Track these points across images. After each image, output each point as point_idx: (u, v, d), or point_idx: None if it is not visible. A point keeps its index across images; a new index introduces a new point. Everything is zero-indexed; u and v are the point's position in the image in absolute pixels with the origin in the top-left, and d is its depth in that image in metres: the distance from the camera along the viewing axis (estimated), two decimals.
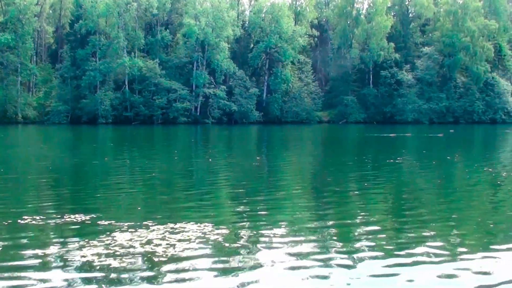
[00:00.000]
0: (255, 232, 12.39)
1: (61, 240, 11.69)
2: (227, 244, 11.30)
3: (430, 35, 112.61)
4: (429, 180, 24.29)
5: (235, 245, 11.30)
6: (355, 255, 10.64)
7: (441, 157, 35.12)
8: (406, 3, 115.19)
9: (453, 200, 18.38)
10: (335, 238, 12.19)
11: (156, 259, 10.23)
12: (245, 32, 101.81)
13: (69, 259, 10.22)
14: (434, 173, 26.58)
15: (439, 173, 26.65)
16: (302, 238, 11.99)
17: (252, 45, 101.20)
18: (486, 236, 12.63)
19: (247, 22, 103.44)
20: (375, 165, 30.14)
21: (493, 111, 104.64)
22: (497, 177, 24.51)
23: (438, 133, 64.01)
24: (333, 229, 13.06)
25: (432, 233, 12.57)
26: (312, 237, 12.15)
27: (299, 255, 10.65)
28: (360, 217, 14.67)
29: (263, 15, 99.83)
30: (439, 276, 9.42)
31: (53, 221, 13.52)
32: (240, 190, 19.87)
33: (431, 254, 10.72)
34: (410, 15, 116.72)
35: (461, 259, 10.45)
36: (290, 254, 10.69)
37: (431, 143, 50.28)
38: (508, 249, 11.31)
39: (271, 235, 12.15)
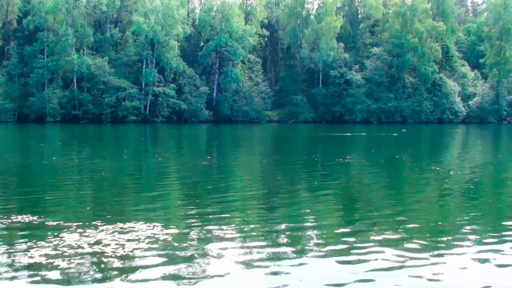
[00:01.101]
0: (205, 232, 12.37)
1: (8, 241, 11.57)
2: (176, 244, 11.27)
3: (379, 35, 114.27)
4: (378, 179, 24.58)
5: (185, 244, 11.27)
6: (305, 254, 10.75)
7: (389, 156, 35.60)
8: (356, 4, 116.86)
9: (401, 199, 18.61)
10: (285, 237, 12.22)
11: (105, 259, 10.21)
12: (195, 31, 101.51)
13: (16, 261, 10.13)
14: (383, 172, 26.90)
15: (387, 172, 26.95)
16: (252, 238, 12.04)
17: (202, 44, 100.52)
18: (434, 234, 12.81)
19: (197, 21, 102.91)
20: (325, 164, 30.29)
21: (441, 111, 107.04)
22: (444, 176, 24.92)
23: (392, 132, 65.37)
24: (283, 229, 13.05)
25: (380, 232, 12.72)
26: (262, 237, 12.19)
27: (250, 254, 10.72)
28: (309, 216, 14.79)
29: (214, 14, 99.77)
30: (387, 275, 9.57)
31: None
32: (190, 190, 19.82)
33: (380, 253, 10.86)
34: (360, 16, 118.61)
35: (410, 257, 10.62)
36: (240, 254, 10.76)
37: (380, 142, 51.10)
38: (455, 246, 11.56)
39: (221, 235, 12.17)
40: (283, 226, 13.32)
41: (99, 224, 12.83)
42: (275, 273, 9.56)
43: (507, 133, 77.21)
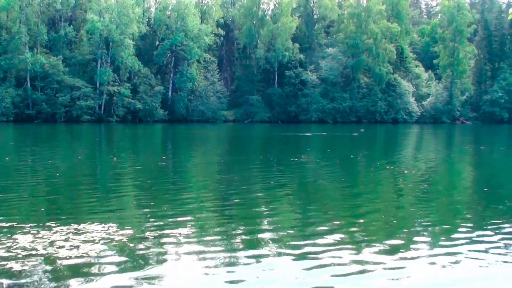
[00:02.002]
0: (161, 233, 12.32)
1: None
2: (131, 245, 11.22)
3: (334, 36, 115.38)
4: (333, 178, 24.69)
5: (140, 245, 11.22)
6: (262, 254, 10.78)
7: (345, 156, 35.83)
8: (311, 4, 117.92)
9: (356, 199, 18.72)
10: (241, 237, 12.23)
11: (59, 261, 10.08)
12: (150, 30, 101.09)
13: None
14: (338, 172, 27.08)
15: (343, 172, 27.17)
16: (208, 238, 12.03)
17: (157, 43, 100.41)
18: (390, 234, 12.89)
19: (152, 19, 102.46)
20: (280, 164, 30.33)
21: (395, 111, 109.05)
22: (399, 176, 25.22)
23: (352, 132, 66.30)
24: (240, 229, 13.05)
25: (336, 232, 12.75)
26: (219, 237, 12.17)
27: (205, 254, 10.72)
28: (265, 216, 14.78)
29: (169, 13, 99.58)
30: (344, 276, 9.61)
31: None
32: (146, 190, 19.69)
33: (336, 253, 10.90)
34: (315, 16, 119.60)
35: (366, 256, 10.69)
36: (196, 253, 10.75)
37: (336, 142, 51.54)
38: (411, 247, 11.68)
39: (177, 235, 12.12)
40: (239, 226, 13.30)
41: (53, 225, 12.62)
42: (232, 273, 9.55)
43: (460, 133, 78.65)
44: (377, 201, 18.26)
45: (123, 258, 10.34)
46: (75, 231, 12.21)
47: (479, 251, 11.35)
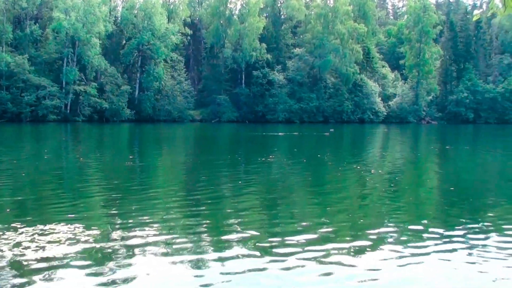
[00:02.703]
0: (127, 233, 12.33)
1: None
2: (98, 245, 11.21)
3: (301, 36, 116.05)
4: (300, 178, 24.87)
5: (106, 246, 11.23)
6: (227, 253, 10.87)
7: (312, 156, 36.05)
8: (278, 5, 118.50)
9: (323, 198, 18.80)
10: (208, 237, 12.31)
11: (25, 262, 10.06)
12: (117, 28, 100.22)
13: None
14: (305, 172, 27.21)
15: (310, 171, 27.36)
16: (175, 239, 12.03)
17: (124, 42, 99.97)
18: (357, 232, 13.08)
19: (119, 18, 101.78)
20: (248, 164, 30.57)
21: (362, 111, 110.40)
22: (366, 175, 25.51)
23: (323, 132, 66.65)
24: (206, 229, 13.13)
25: (303, 231, 12.85)
26: (186, 237, 12.20)
27: (172, 255, 10.77)
28: (233, 217, 14.84)
29: (136, 12, 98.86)
30: (310, 274, 9.68)
31: None
32: (112, 190, 19.62)
33: (302, 253, 10.97)
34: (282, 16, 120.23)
35: (333, 257, 10.81)
36: (163, 254, 10.80)
37: (303, 142, 51.77)
38: (377, 243, 11.89)
39: (144, 236, 12.14)
40: (207, 227, 13.39)
41: (18, 226, 12.59)
42: (198, 273, 9.65)
43: (426, 132, 79.53)
44: (344, 200, 18.38)
45: (90, 259, 10.31)
46: (41, 232, 12.14)
47: (446, 250, 11.53)
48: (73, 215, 14.45)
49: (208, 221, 14.11)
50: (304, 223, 13.80)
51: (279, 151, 40.67)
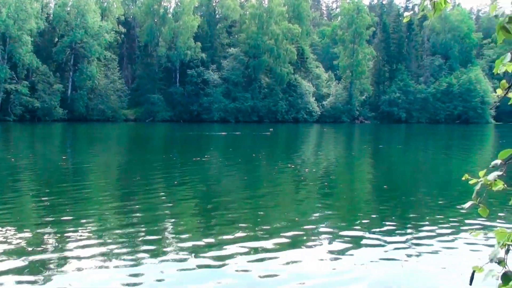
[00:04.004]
0: (60, 235, 12.53)
1: None
2: (30, 248, 11.22)
3: (236, 36, 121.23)
4: (235, 177, 26.08)
5: (39, 248, 11.30)
6: (162, 254, 11.34)
7: (247, 155, 37.70)
8: (213, 4, 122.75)
9: (258, 197, 19.61)
10: (143, 239, 12.58)
11: None
12: (49, 26, 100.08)
13: None
14: (241, 171, 28.48)
15: (245, 170, 28.63)
16: (109, 241, 12.28)
17: (56, 40, 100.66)
18: (292, 231, 13.64)
19: (51, 15, 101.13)
20: (183, 164, 31.48)
21: (296, 111, 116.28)
22: (300, 174, 26.90)
23: (264, 131, 69.45)
24: (141, 230, 13.38)
25: (239, 231, 13.45)
26: (120, 239, 12.45)
27: (107, 255, 11.05)
28: (168, 217, 15.44)
29: (69, 9, 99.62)
30: (245, 274, 10.10)
31: None
32: (45, 191, 19.68)
33: (238, 253, 11.44)
34: (217, 16, 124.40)
35: (268, 254, 11.39)
36: (97, 255, 11.04)
37: (238, 141, 53.67)
38: (312, 242, 12.68)
39: (77, 237, 12.32)
40: (142, 228, 13.64)
41: None
42: (133, 274, 9.95)
43: (360, 132, 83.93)
44: (279, 200, 19.27)
45: (22, 261, 10.40)
46: None
47: (380, 245, 12.45)
48: (4, 217, 14.68)
49: (143, 223, 14.38)
50: (239, 224, 14.27)
51: (214, 151, 42.21)
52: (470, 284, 3.21)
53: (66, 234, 12.66)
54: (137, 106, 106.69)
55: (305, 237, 13.10)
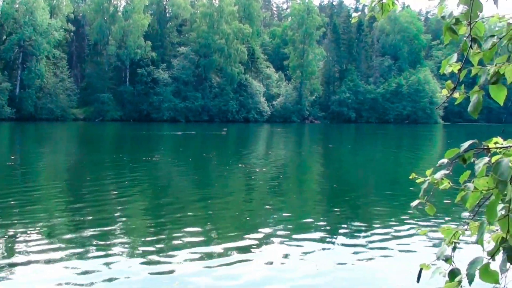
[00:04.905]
0: (8, 237, 12.59)
1: None
2: None
3: (186, 35, 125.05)
4: (186, 177, 26.62)
5: None
6: (111, 256, 11.45)
7: (198, 155, 38.54)
8: (164, 2, 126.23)
9: (209, 197, 19.90)
10: (92, 241, 12.63)
11: None
12: None
13: None
14: (191, 171, 28.98)
15: (196, 170, 29.16)
16: (58, 243, 12.34)
17: (4, 37, 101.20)
18: (243, 231, 13.96)
19: None
20: (133, 163, 31.76)
21: (247, 111, 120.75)
22: (251, 173, 27.40)
23: (220, 131, 71.39)
24: (91, 232, 13.44)
25: (189, 231, 13.66)
26: (70, 241, 12.55)
27: (56, 257, 11.21)
28: (118, 218, 15.49)
29: (17, 6, 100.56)
30: (192, 276, 10.31)
31: None
32: None
33: (188, 252, 11.76)
34: (168, 15, 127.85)
35: (218, 258, 11.53)
36: (46, 256, 11.20)
37: (189, 141, 54.79)
38: (263, 241, 12.92)
39: (26, 239, 12.34)
40: (91, 230, 13.68)
41: None
42: (82, 276, 10.11)
43: (310, 132, 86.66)
44: (229, 198, 19.69)
45: None
46: None
47: (330, 242, 13.05)
48: None
49: (93, 225, 14.50)
50: (189, 226, 14.47)
51: (165, 151, 43.20)
52: (418, 281, 3.37)
53: (14, 234, 12.76)
54: (86, 105, 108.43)
55: (255, 240, 13.14)
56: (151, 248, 12.07)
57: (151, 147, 45.45)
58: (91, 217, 15.58)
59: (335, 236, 13.89)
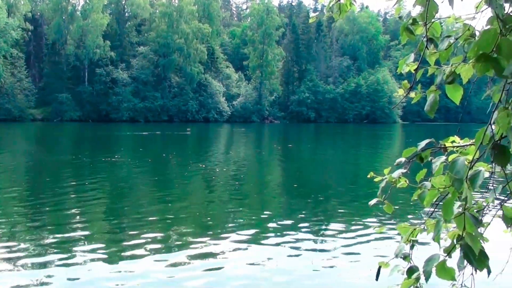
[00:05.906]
0: None
1: None
2: None
3: (146, 35, 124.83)
4: (146, 177, 26.57)
5: None
6: (71, 258, 11.41)
7: (157, 155, 38.38)
8: (123, 2, 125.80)
9: (169, 197, 20.09)
10: (51, 240, 12.69)
11: None
12: None
13: None
14: (151, 171, 29.08)
15: (156, 170, 29.27)
16: (18, 245, 12.28)
17: None
18: (204, 231, 14.10)
19: None
20: (93, 164, 31.62)
21: (206, 111, 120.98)
22: (211, 173, 27.59)
23: (184, 131, 71.62)
24: (51, 234, 13.39)
25: (150, 232, 13.85)
26: (28, 242, 12.53)
27: (14, 259, 11.16)
28: (78, 219, 15.51)
29: None
30: (153, 276, 10.33)
31: None
32: None
33: (152, 250, 12.01)
34: (127, 14, 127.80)
35: (179, 258, 11.61)
36: (4, 259, 11.15)
37: (148, 141, 54.48)
38: (223, 241, 13.07)
39: None
40: (51, 232, 13.61)
41: None
42: (41, 278, 10.03)
43: (269, 131, 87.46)
44: (189, 199, 19.75)
45: None
46: None
47: (293, 241, 13.16)
48: None
49: (52, 226, 14.48)
50: (149, 228, 14.52)
51: (124, 151, 42.70)
52: (377, 279, 3.40)
53: None
54: (44, 106, 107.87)
55: (216, 240, 13.18)
56: (112, 255, 11.86)
57: (111, 147, 45.55)
58: (50, 221, 15.25)
59: (294, 235, 13.92)
